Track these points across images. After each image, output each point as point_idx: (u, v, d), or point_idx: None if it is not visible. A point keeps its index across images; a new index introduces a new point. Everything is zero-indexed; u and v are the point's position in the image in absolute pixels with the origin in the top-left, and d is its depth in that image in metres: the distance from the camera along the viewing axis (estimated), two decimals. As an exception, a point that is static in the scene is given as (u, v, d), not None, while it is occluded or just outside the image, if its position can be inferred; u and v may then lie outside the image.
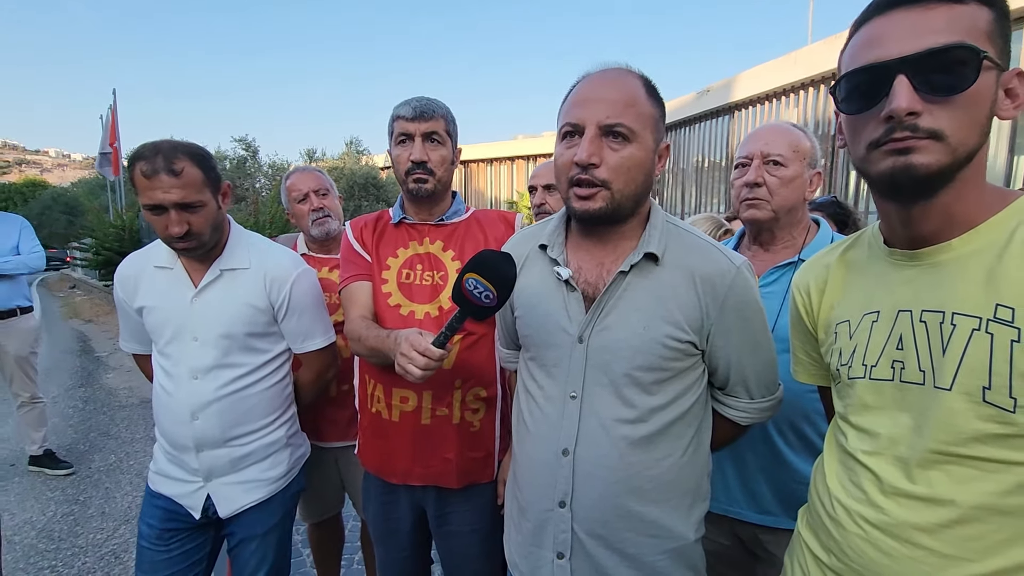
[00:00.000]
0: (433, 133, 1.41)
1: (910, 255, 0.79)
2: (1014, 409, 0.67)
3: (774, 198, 1.35)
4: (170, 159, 1.31)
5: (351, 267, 1.50)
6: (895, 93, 0.69)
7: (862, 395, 0.82)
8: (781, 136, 1.37)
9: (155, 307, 1.46)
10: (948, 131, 0.69)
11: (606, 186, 0.97)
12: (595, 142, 0.96)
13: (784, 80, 9.76)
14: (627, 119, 0.96)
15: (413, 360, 1.09)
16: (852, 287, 0.89)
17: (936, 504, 0.72)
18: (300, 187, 2.02)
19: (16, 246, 3.40)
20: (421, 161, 1.40)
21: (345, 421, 1.88)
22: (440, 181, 1.44)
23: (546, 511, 1.07)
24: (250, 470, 1.50)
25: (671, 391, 1.03)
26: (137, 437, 4.28)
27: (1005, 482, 0.68)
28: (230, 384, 1.45)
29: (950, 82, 0.68)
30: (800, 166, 1.35)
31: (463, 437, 1.43)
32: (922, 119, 0.69)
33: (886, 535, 0.76)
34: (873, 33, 0.74)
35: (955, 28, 0.68)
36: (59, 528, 3.01)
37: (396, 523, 1.52)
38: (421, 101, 1.42)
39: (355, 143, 20.01)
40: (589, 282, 1.06)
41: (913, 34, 0.70)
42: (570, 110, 1.00)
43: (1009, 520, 0.69)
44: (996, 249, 0.71)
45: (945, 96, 0.69)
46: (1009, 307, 0.68)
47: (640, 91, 0.99)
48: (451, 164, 1.47)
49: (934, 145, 0.69)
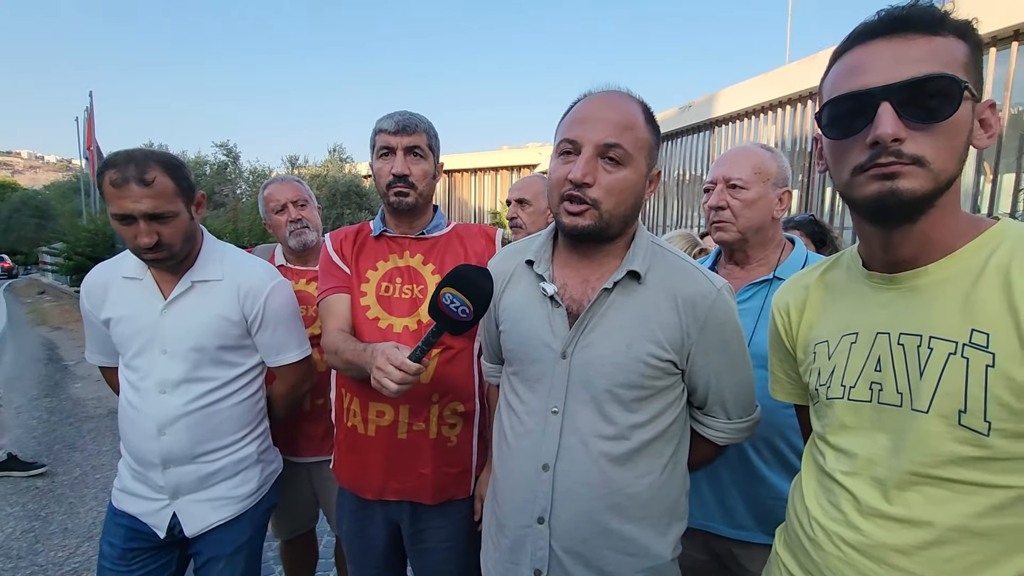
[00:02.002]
0: (415, 147, 1.41)
1: (889, 278, 0.81)
2: (988, 432, 0.68)
3: (738, 220, 1.39)
4: (142, 168, 1.27)
5: (330, 279, 1.48)
6: (880, 119, 0.71)
7: (840, 415, 0.83)
8: (743, 159, 1.41)
9: (123, 318, 1.42)
10: (931, 157, 0.71)
11: (596, 206, 0.99)
12: (591, 162, 0.97)
13: (763, 98, 10.01)
14: (624, 142, 0.97)
15: (389, 374, 1.08)
16: (831, 308, 0.90)
17: (913, 525, 0.73)
18: (278, 197, 1.99)
19: None
20: (403, 174, 1.39)
21: (320, 436, 1.84)
22: (421, 195, 1.43)
23: (524, 527, 1.06)
24: (219, 487, 1.45)
25: (651, 409, 1.03)
26: (104, 450, 4.14)
27: (980, 504, 0.70)
28: (200, 399, 1.40)
29: (933, 110, 0.70)
30: (763, 187, 1.38)
31: (439, 452, 1.40)
32: (906, 145, 0.71)
33: (864, 556, 0.76)
34: (856, 61, 0.75)
35: (936, 59, 0.71)
36: (18, 545, 2.89)
37: (370, 540, 1.49)
38: (404, 115, 1.42)
39: (338, 151, 19.89)
40: (574, 298, 1.06)
41: (896, 63, 0.72)
42: (570, 127, 1.01)
43: (984, 542, 0.70)
44: (971, 275, 0.73)
45: (928, 124, 0.71)
46: (984, 332, 0.70)
47: (639, 116, 1.01)
48: (432, 178, 1.47)
49: (918, 171, 0.72)
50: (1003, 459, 0.68)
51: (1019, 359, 0.67)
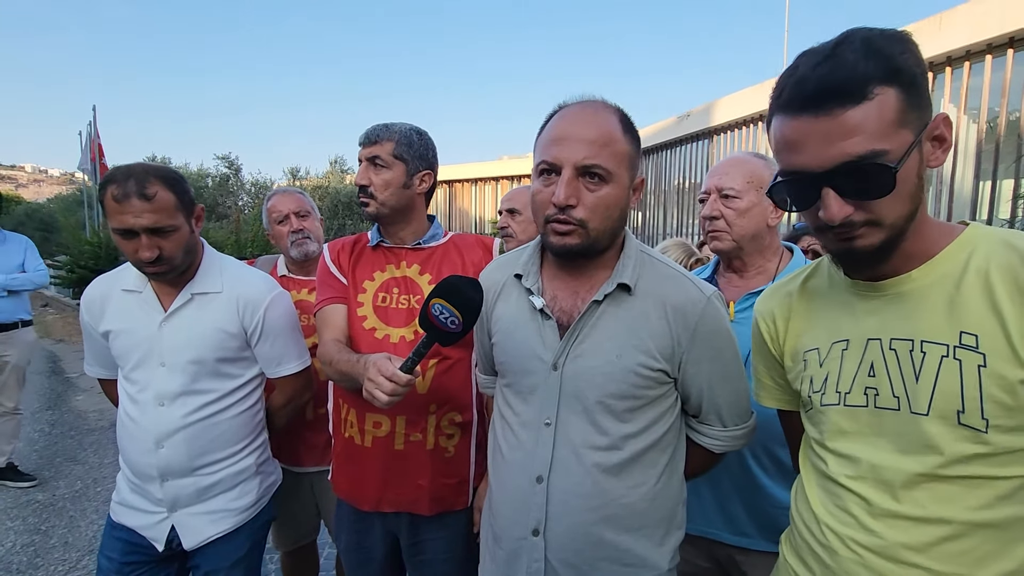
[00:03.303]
0: (375, 157, 1.41)
1: (873, 286, 0.83)
2: (987, 430, 0.71)
3: (732, 229, 1.40)
4: (142, 183, 1.29)
5: (327, 289, 1.48)
6: (826, 205, 0.74)
7: (837, 421, 0.84)
8: (735, 169, 1.42)
9: (122, 331, 1.43)
10: (882, 217, 0.74)
11: (583, 225, 0.98)
12: (572, 183, 0.96)
13: (761, 106, 10.04)
14: (603, 160, 0.96)
15: (380, 385, 1.08)
16: (818, 316, 0.91)
17: (925, 523, 0.75)
18: (280, 208, 2.01)
19: (22, 264, 3.66)
20: (362, 185, 1.42)
21: (322, 446, 1.84)
22: (385, 204, 1.42)
23: (519, 539, 1.06)
24: (217, 500, 1.45)
25: (644, 419, 1.03)
26: (106, 462, 4.12)
27: (986, 496, 0.72)
28: (198, 411, 1.41)
29: (870, 189, 0.72)
30: (756, 195, 1.39)
31: (437, 463, 1.40)
32: (856, 215, 0.74)
33: (880, 557, 0.78)
34: (788, 136, 0.75)
35: (864, 133, 0.69)
36: (18, 559, 2.87)
37: (369, 552, 1.48)
38: (376, 127, 1.44)
39: (339, 162, 19.99)
40: (564, 310, 1.06)
41: (826, 144, 0.71)
42: (547, 148, 0.99)
43: (994, 532, 0.72)
44: (953, 279, 0.76)
45: (871, 200, 0.72)
46: (972, 334, 0.72)
47: (616, 128, 0.99)
48: (403, 187, 1.43)
49: (872, 230, 0.74)
50: (1003, 453, 0.71)
51: (1008, 358, 0.70)
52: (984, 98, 6.38)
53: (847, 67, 0.70)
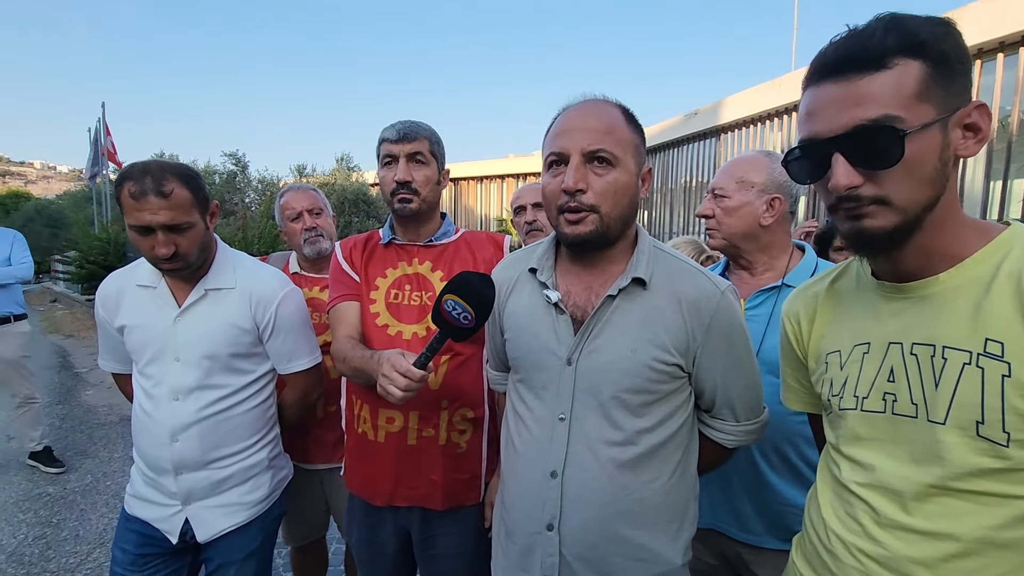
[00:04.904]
0: (417, 153, 1.43)
1: (898, 288, 0.80)
2: (1007, 444, 0.67)
3: (721, 227, 1.44)
4: (159, 180, 1.29)
5: (339, 287, 1.49)
6: (834, 171, 0.72)
7: (854, 426, 0.82)
8: (729, 169, 1.46)
9: (137, 326, 1.44)
10: (892, 196, 0.71)
11: (594, 210, 1.00)
12: (580, 169, 0.99)
13: (769, 104, 10.00)
14: (608, 144, 0.99)
15: (394, 381, 1.09)
16: (842, 317, 0.89)
17: (934, 538, 0.72)
18: (294, 205, 2.01)
19: (8, 257, 3.65)
20: (405, 181, 1.41)
21: (332, 443, 1.85)
22: (425, 200, 1.45)
23: (534, 534, 1.07)
24: (230, 493, 1.47)
25: (658, 413, 1.03)
26: (115, 456, 4.16)
27: (1002, 515, 0.68)
28: (212, 405, 1.42)
29: (878, 158, 0.70)
30: (746, 195, 1.41)
31: (449, 458, 1.41)
32: (864, 189, 0.72)
33: (883, 568, 0.75)
34: (809, 105, 0.76)
35: (879, 100, 0.69)
36: (30, 552, 2.91)
37: (380, 546, 1.49)
38: (406, 124, 1.44)
39: (346, 159, 20.03)
40: (578, 305, 1.07)
41: (839, 109, 0.71)
42: (554, 140, 1.03)
43: (1006, 554, 0.69)
44: (983, 283, 0.71)
45: (878, 170, 0.71)
46: (998, 341, 0.68)
47: (619, 119, 1.03)
48: (436, 184, 1.48)
49: (881, 210, 0.72)
50: (1023, 470, 0.67)
51: None
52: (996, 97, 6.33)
53: (867, 36, 0.71)
